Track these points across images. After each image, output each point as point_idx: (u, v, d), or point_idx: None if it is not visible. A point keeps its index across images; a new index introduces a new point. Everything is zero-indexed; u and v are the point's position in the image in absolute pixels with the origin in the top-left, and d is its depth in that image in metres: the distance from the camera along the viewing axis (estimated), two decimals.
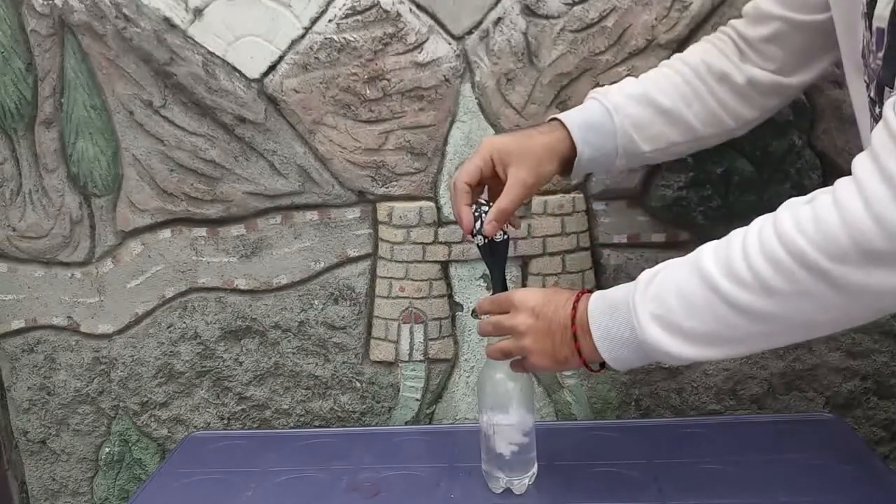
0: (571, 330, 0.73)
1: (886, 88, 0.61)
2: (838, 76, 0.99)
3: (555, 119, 0.86)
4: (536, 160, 0.83)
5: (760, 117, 0.87)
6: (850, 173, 0.57)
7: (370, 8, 1.02)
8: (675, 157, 0.90)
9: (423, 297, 1.11)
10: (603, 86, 1.02)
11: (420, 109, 1.05)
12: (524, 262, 1.09)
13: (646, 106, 0.84)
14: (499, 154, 0.84)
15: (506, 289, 0.86)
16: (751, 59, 0.84)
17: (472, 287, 1.12)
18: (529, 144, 0.84)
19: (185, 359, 1.18)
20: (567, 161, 0.85)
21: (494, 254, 0.87)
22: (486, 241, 0.85)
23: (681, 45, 1.00)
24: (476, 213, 0.84)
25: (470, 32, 1.03)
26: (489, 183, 0.86)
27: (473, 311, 1.13)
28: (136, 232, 1.15)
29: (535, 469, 0.91)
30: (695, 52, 0.88)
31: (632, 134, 0.84)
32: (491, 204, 0.84)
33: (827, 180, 1.03)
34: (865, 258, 0.54)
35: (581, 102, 0.96)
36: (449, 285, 1.12)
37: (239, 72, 1.06)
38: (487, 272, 1.07)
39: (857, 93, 0.72)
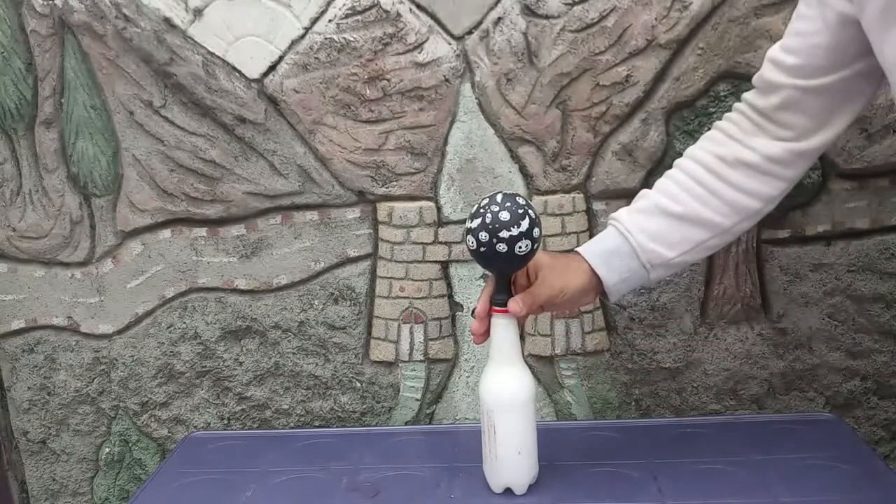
0: None
1: None
2: None
3: (576, 251, 0.87)
4: (566, 276, 0.84)
5: (787, 189, 0.85)
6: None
7: (370, 8, 1.02)
8: (711, 251, 0.88)
9: (423, 297, 1.11)
10: (605, 84, 1.02)
11: (420, 109, 1.05)
12: None
13: (659, 217, 0.84)
14: (532, 263, 0.85)
15: (509, 289, 0.86)
16: (768, 130, 0.82)
17: (472, 287, 1.12)
18: (564, 264, 0.86)
19: (185, 359, 1.18)
20: (601, 287, 0.86)
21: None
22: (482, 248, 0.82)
23: (681, 45, 1.00)
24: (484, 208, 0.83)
25: (470, 32, 1.03)
26: (517, 288, 0.87)
27: (474, 311, 1.12)
28: (136, 232, 1.15)
29: (535, 469, 0.90)
30: (704, 145, 0.86)
31: (653, 247, 0.84)
32: (520, 197, 0.83)
33: (827, 180, 1.04)
34: None
35: (580, 102, 0.96)
36: (449, 285, 1.12)
37: (239, 72, 1.06)
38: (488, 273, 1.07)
39: None
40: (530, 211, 0.82)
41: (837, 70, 0.76)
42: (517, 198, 0.82)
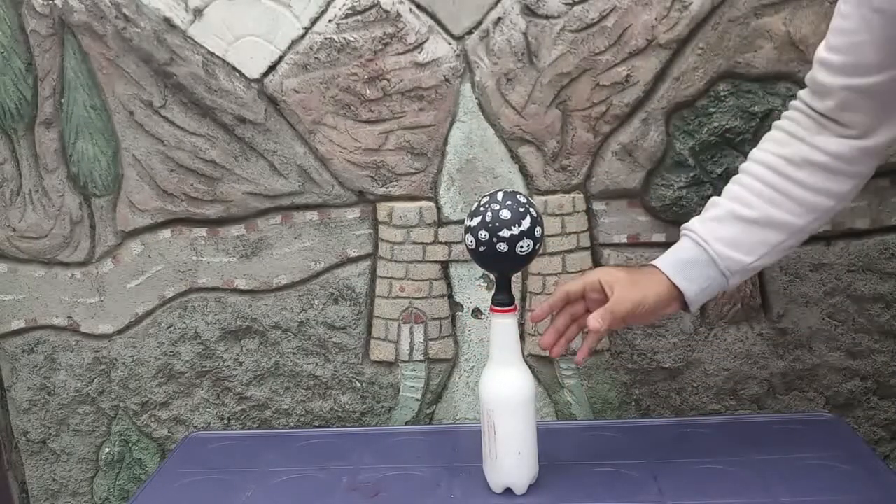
0: None
1: None
2: None
3: (652, 265, 0.86)
4: (644, 288, 0.83)
5: (859, 184, 0.82)
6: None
7: (370, 8, 1.02)
8: (787, 252, 0.86)
9: (423, 297, 1.11)
10: (605, 84, 1.02)
11: (420, 109, 1.05)
12: None
13: (733, 223, 0.83)
14: (608, 278, 0.84)
15: (510, 290, 0.86)
16: (830, 128, 0.80)
17: (472, 287, 1.12)
18: (638, 278, 0.85)
19: (185, 359, 1.18)
20: (681, 298, 0.85)
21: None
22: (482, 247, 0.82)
23: (681, 45, 1.00)
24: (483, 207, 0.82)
25: (470, 32, 1.03)
26: (591, 304, 0.86)
27: (474, 311, 1.13)
28: (136, 232, 1.15)
29: (535, 469, 0.90)
30: (768, 146, 0.84)
31: (731, 254, 0.83)
32: (524, 195, 0.83)
33: None
34: None
35: (580, 102, 0.94)
36: (449, 285, 1.12)
37: (239, 72, 1.06)
38: (487, 273, 1.07)
39: None
40: (532, 209, 0.81)
41: (887, 69, 0.74)
42: (518, 196, 0.81)
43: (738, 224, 0.83)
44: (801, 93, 0.83)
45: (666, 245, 1.07)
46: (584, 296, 0.86)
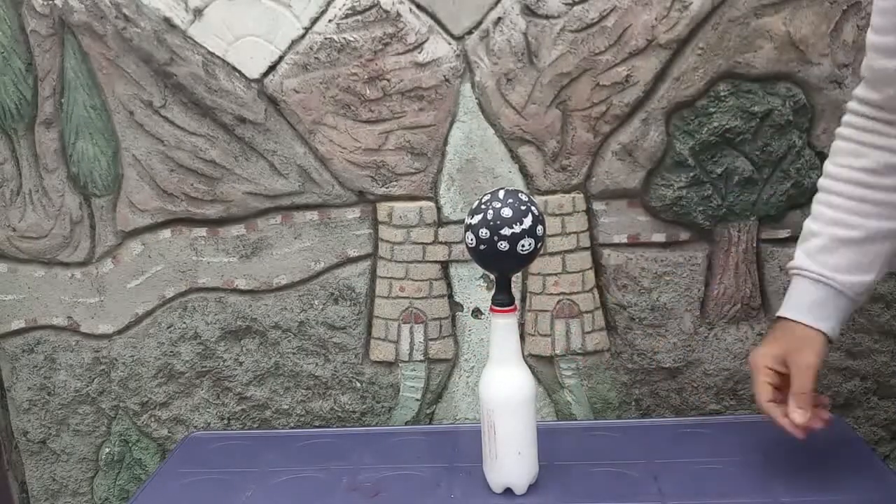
0: None
1: None
2: (838, 76, 0.99)
3: (781, 318, 0.85)
4: (807, 347, 0.82)
5: None
6: None
7: (370, 8, 1.02)
8: None
9: (423, 297, 1.11)
10: (605, 84, 1.02)
11: (420, 109, 1.05)
12: None
13: (842, 249, 0.81)
14: (772, 358, 0.83)
15: (510, 290, 0.86)
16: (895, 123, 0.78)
17: (472, 287, 1.12)
18: (791, 338, 0.83)
19: (185, 359, 1.18)
20: (826, 337, 0.83)
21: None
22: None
23: (681, 45, 1.00)
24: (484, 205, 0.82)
25: (470, 32, 1.03)
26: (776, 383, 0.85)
27: (474, 311, 1.13)
28: (136, 232, 1.15)
29: (535, 469, 0.90)
30: (844, 160, 0.82)
31: (852, 279, 0.81)
32: (524, 194, 0.83)
33: None
34: None
35: (580, 102, 0.93)
36: (449, 285, 1.12)
37: (239, 72, 1.06)
38: (487, 273, 1.07)
39: None
40: (533, 208, 0.81)
41: None
42: (520, 194, 0.81)
43: (847, 247, 0.81)
44: (856, 91, 0.81)
45: (666, 245, 1.07)
46: (773, 386, 0.84)
